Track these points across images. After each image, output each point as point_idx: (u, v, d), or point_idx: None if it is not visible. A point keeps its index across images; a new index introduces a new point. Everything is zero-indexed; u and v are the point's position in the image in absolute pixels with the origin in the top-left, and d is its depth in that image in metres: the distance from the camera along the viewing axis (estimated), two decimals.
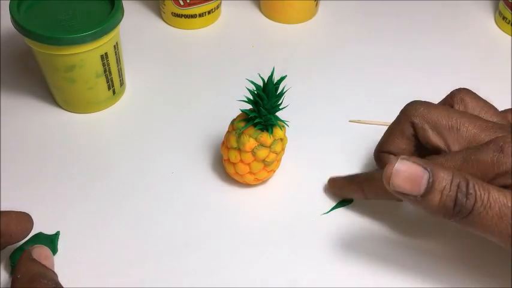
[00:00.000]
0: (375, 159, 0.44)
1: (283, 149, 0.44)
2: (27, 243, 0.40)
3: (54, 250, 0.40)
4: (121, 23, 0.47)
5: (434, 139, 0.39)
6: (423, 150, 0.40)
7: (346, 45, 0.61)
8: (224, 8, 0.64)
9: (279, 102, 0.41)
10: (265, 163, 0.43)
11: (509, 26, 0.63)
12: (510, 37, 0.63)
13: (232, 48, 0.60)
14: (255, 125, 0.41)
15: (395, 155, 0.41)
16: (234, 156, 0.42)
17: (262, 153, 0.42)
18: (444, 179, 0.33)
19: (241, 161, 0.42)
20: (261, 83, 0.41)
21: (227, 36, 0.61)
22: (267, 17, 0.64)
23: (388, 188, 0.34)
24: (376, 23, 0.64)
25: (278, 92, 0.41)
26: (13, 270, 0.38)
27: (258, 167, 0.43)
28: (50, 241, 0.40)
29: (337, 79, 0.57)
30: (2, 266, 0.40)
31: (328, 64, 0.59)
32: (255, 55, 0.59)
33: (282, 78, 0.40)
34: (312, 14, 0.64)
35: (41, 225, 0.42)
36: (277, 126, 0.42)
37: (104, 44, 0.46)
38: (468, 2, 0.68)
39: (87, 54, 0.46)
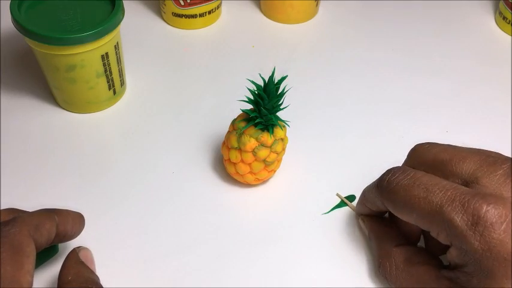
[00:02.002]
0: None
1: (283, 149, 0.44)
2: None
3: (54, 250, 0.40)
4: (122, 23, 0.47)
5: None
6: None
7: (346, 45, 0.61)
8: (224, 8, 0.64)
9: (280, 102, 0.41)
10: (266, 163, 0.43)
11: (509, 26, 0.63)
12: (510, 37, 0.63)
13: (233, 48, 0.60)
14: (255, 125, 0.41)
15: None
16: (234, 156, 0.43)
17: (263, 153, 0.42)
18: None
19: (242, 161, 0.42)
20: (261, 83, 0.41)
21: (227, 36, 0.61)
22: (267, 17, 0.64)
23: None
24: (376, 23, 0.64)
25: (279, 92, 0.41)
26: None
27: (258, 167, 0.43)
28: None
29: (338, 79, 0.57)
30: None
31: (329, 64, 0.59)
32: (255, 55, 0.59)
33: (283, 78, 0.40)
34: (312, 14, 0.64)
35: None
36: (278, 126, 0.42)
37: (104, 44, 0.46)
38: (468, 2, 0.68)
39: (87, 54, 0.46)
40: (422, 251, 0.38)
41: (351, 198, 0.45)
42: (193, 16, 0.60)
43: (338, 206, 0.45)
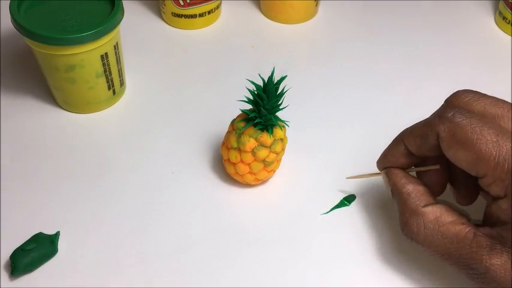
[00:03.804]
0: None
1: (283, 149, 0.44)
2: (28, 243, 0.40)
3: (54, 250, 0.40)
4: (121, 23, 0.47)
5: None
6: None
7: (346, 45, 0.61)
8: (224, 8, 0.64)
9: (279, 102, 0.41)
10: (265, 163, 0.43)
11: (509, 26, 0.63)
12: (510, 37, 0.63)
13: (232, 48, 0.60)
14: (255, 125, 0.41)
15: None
16: (234, 156, 0.43)
17: (262, 153, 0.42)
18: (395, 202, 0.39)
19: (242, 161, 0.42)
20: (261, 83, 0.41)
21: (227, 36, 0.61)
22: (267, 17, 0.64)
23: None
24: (376, 23, 0.64)
25: (278, 92, 0.41)
26: (13, 270, 0.38)
27: (258, 167, 0.43)
28: (50, 241, 0.40)
29: (337, 79, 0.57)
30: (2, 266, 0.40)
31: (328, 64, 0.59)
32: (255, 55, 0.59)
33: (282, 79, 0.40)
34: (312, 14, 0.64)
35: (41, 225, 0.42)
36: (278, 127, 0.42)
37: (104, 44, 0.46)
38: (468, 2, 0.68)
39: (87, 54, 0.46)
40: (450, 210, 0.36)
41: (351, 198, 0.45)
42: (193, 16, 0.60)
43: (338, 206, 0.45)
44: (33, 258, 0.39)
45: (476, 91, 0.37)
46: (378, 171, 0.42)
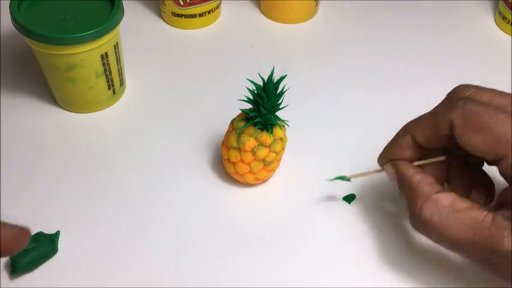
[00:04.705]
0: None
1: (283, 149, 0.44)
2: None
3: (54, 249, 0.40)
4: (121, 22, 0.47)
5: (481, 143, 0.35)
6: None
7: (346, 45, 0.61)
8: (224, 8, 0.64)
9: (279, 101, 0.41)
10: (265, 163, 0.43)
11: (509, 26, 0.63)
12: (510, 37, 0.63)
13: (232, 48, 0.60)
14: (255, 125, 0.41)
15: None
16: (234, 155, 0.43)
17: (262, 152, 0.42)
18: (403, 195, 0.38)
19: (241, 160, 0.42)
20: (261, 83, 0.41)
21: (227, 36, 0.61)
22: (267, 17, 0.64)
23: None
24: (376, 23, 0.64)
25: (278, 91, 0.41)
26: (13, 270, 0.38)
27: (257, 166, 0.43)
28: (50, 241, 0.40)
29: (337, 79, 0.57)
30: (2, 266, 0.40)
31: (328, 64, 0.59)
32: (255, 55, 0.59)
33: (282, 78, 0.41)
34: (312, 14, 0.64)
35: (41, 225, 0.42)
36: (277, 126, 0.42)
37: (104, 43, 0.46)
38: (468, 2, 0.68)
39: (87, 54, 0.46)
40: (463, 198, 0.36)
41: (351, 197, 0.45)
42: (193, 16, 0.60)
43: (341, 178, 0.43)
44: (33, 258, 0.39)
45: (477, 85, 0.38)
46: (372, 169, 0.42)
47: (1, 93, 0.52)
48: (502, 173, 0.36)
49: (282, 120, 0.43)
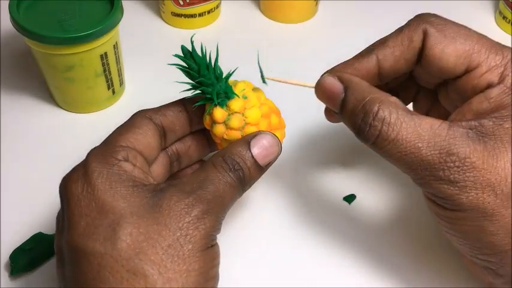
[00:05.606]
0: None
1: (251, 124, 0.37)
2: (27, 243, 0.40)
3: (54, 250, 0.40)
4: (120, 22, 0.47)
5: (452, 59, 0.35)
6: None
7: (346, 45, 0.61)
8: (224, 7, 0.64)
9: (219, 72, 0.37)
10: (224, 141, 0.38)
11: (510, 25, 0.63)
12: (510, 37, 0.63)
13: (232, 48, 0.60)
14: (210, 103, 0.37)
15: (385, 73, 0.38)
16: (215, 136, 0.38)
17: (218, 130, 0.37)
18: (353, 102, 0.33)
19: (217, 139, 0.38)
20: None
21: (227, 36, 0.61)
22: (267, 16, 0.64)
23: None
24: (376, 23, 0.64)
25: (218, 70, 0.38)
26: (13, 270, 0.38)
27: (225, 144, 0.37)
28: (50, 241, 0.40)
29: None
30: (2, 266, 0.40)
31: (328, 64, 0.58)
32: (255, 55, 0.59)
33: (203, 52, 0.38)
34: (312, 14, 0.64)
35: (41, 225, 0.42)
36: (234, 99, 0.37)
37: (103, 43, 0.46)
38: (468, 1, 0.68)
39: (86, 54, 0.46)
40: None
41: (351, 197, 0.45)
42: (193, 16, 0.60)
43: (262, 76, 0.40)
44: (33, 258, 0.39)
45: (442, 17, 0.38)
46: (303, 81, 0.39)
47: (1, 94, 0.52)
48: (463, 88, 0.35)
49: (235, 94, 0.38)
